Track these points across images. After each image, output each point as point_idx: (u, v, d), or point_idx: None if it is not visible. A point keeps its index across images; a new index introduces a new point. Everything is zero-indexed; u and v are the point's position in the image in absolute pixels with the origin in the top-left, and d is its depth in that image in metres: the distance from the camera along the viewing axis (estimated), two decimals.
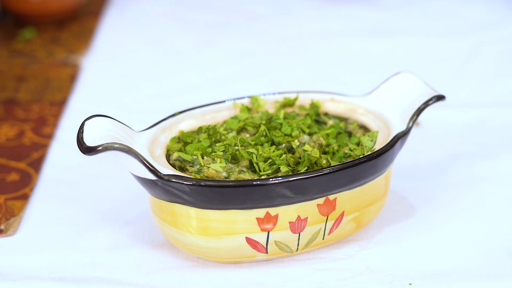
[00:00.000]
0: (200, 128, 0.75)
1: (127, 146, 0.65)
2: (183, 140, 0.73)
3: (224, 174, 0.69)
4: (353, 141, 0.74)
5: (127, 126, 0.70)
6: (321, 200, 0.69)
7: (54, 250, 0.75)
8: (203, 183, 0.66)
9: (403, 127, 0.73)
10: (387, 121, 0.75)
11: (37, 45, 1.20)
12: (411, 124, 0.73)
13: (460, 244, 0.75)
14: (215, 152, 0.70)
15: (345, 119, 0.78)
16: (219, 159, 0.69)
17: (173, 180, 0.66)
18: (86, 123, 0.67)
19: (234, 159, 0.70)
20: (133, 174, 0.68)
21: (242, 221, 0.68)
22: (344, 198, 0.70)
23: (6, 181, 0.85)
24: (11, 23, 1.27)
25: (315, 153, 0.70)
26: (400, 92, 0.77)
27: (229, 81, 1.09)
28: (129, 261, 0.73)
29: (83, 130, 0.66)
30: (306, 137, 0.73)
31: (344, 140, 0.73)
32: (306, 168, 0.69)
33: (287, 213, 0.68)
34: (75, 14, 1.29)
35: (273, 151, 0.70)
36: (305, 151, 0.71)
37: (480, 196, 0.82)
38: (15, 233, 0.77)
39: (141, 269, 0.72)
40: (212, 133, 0.73)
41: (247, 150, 0.70)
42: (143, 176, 0.67)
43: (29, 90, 1.06)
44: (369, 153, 0.70)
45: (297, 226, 0.69)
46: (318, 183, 0.67)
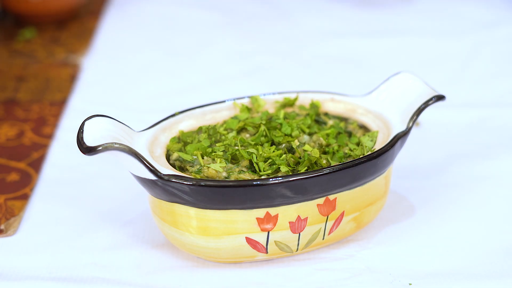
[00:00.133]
0: (200, 128, 0.75)
1: (127, 146, 0.65)
2: (183, 140, 0.73)
3: (224, 174, 0.68)
4: (353, 141, 0.74)
5: (127, 126, 0.70)
6: (321, 200, 0.69)
7: (54, 250, 0.75)
8: (203, 183, 0.66)
9: (403, 127, 0.73)
10: (387, 121, 0.75)
11: (37, 45, 1.20)
12: (411, 124, 0.73)
13: (460, 244, 0.75)
14: (215, 152, 0.70)
15: (345, 119, 0.78)
16: (219, 159, 0.69)
17: (173, 180, 0.66)
18: (86, 123, 0.67)
19: (234, 159, 0.70)
20: (133, 174, 0.68)
21: (242, 221, 0.68)
22: (344, 198, 0.70)
23: (6, 181, 0.85)
24: (11, 23, 1.27)
25: (315, 153, 0.70)
26: (400, 92, 0.77)
27: (229, 81, 1.09)
28: (129, 261, 0.73)
29: (83, 130, 0.66)
30: (306, 137, 0.73)
31: (344, 140, 0.73)
32: (306, 168, 0.69)
33: (287, 213, 0.68)
34: (75, 14, 1.29)
35: (273, 151, 0.70)
36: (305, 151, 0.71)
37: (480, 196, 0.82)
38: (15, 233, 0.77)
39: (141, 269, 0.72)
40: (212, 133, 0.73)
41: (247, 150, 0.70)
42: (143, 176, 0.67)
43: (29, 90, 1.06)
44: (369, 153, 0.70)
45: (297, 226, 0.69)
46: (318, 183, 0.67)
